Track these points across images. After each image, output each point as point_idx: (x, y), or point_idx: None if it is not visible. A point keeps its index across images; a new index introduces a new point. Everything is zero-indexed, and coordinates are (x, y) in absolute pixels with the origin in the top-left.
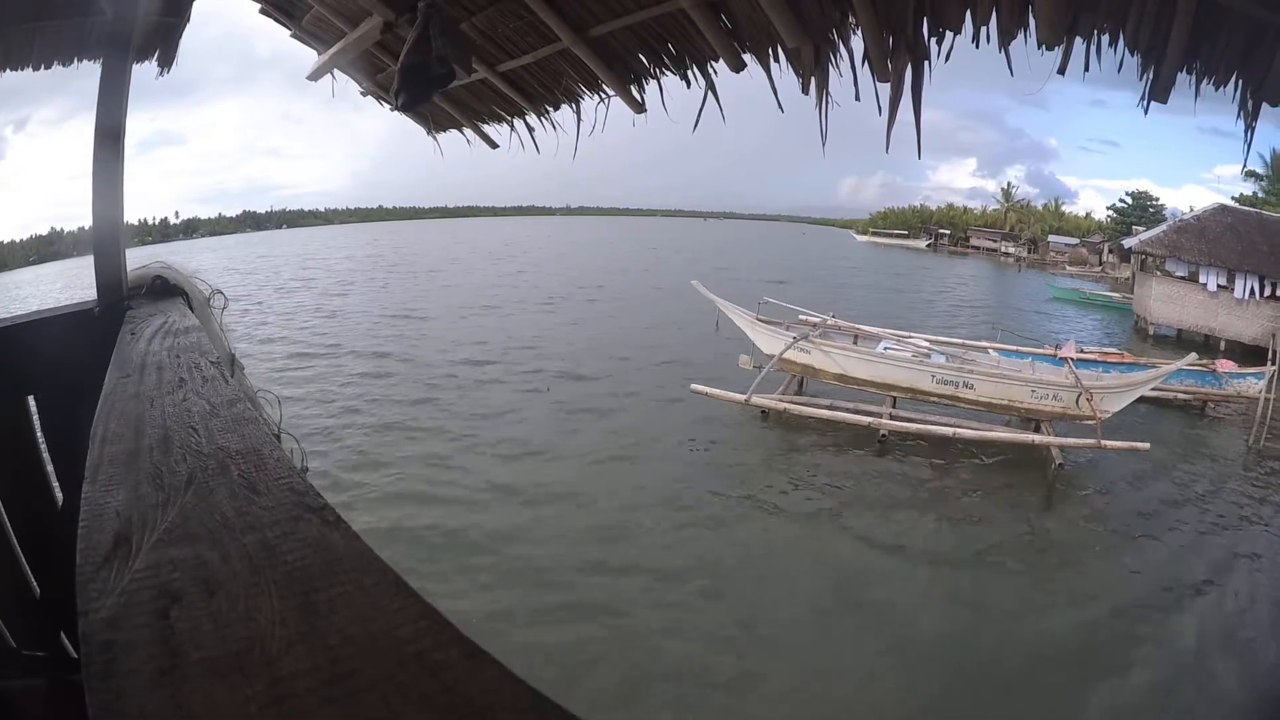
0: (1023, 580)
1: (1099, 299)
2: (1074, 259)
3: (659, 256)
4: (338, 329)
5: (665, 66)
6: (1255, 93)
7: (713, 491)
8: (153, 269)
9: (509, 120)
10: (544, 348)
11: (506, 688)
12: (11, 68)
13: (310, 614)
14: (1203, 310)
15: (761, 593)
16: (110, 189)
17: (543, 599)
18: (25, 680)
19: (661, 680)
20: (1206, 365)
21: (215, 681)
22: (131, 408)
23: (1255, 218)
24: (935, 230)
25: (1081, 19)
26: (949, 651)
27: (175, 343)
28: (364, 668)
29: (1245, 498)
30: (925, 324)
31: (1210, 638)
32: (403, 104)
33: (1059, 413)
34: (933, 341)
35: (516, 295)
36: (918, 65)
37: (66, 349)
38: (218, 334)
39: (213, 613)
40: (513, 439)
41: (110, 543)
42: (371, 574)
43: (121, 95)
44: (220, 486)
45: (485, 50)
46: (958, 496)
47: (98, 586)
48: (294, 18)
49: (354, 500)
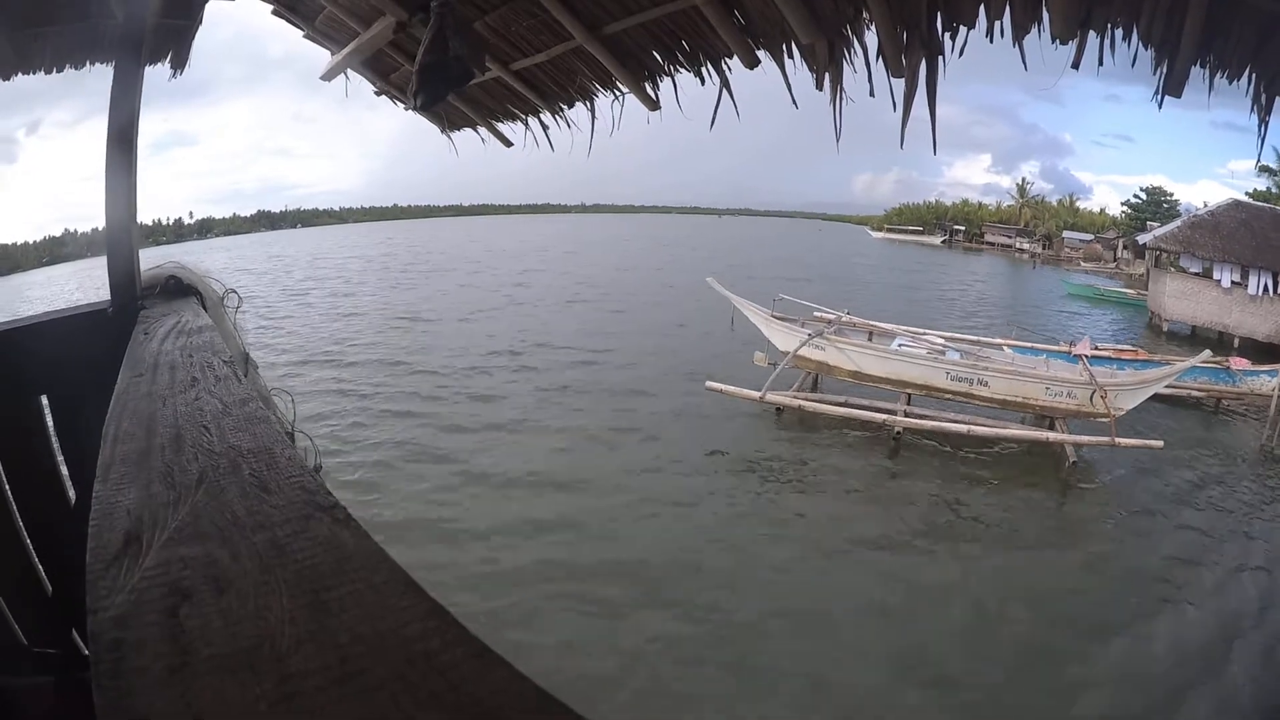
0: (1036, 578)
1: (1113, 295)
2: (1089, 255)
3: (673, 254)
4: (348, 330)
5: (679, 64)
6: (1269, 86)
7: (727, 489)
8: (166, 269)
9: (523, 118)
10: (559, 345)
11: (514, 687)
12: (24, 71)
13: (320, 612)
14: (1217, 307)
15: (771, 587)
16: (123, 190)
17: (547, 590)
18: (36, 678)
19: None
20: (1220, 363)
21: (225, 679)
22: (144, 407)
23: (1270, 213)
24: (950, 226)
25: (1095, 13)
26: (966, 647)
27: (188, 342)
28: (373, 666)
29: (1259, 496)
30: (943, 321)
31: (1220, 636)
32: (421, 104)
33: (1073, 410)
34: (947, 338)
35: (532, 295)
36: (932, 60)
37: (80, 349)
38: (231, 333)
39: (223, 610)
40: (523, 435)
41: (121, 541)
42: (381, 572)
43: (134, 97)
44: (231, 485)
45: (499, 49)
46: (972, 494)
47: (107, 584)
48: (306, 19)
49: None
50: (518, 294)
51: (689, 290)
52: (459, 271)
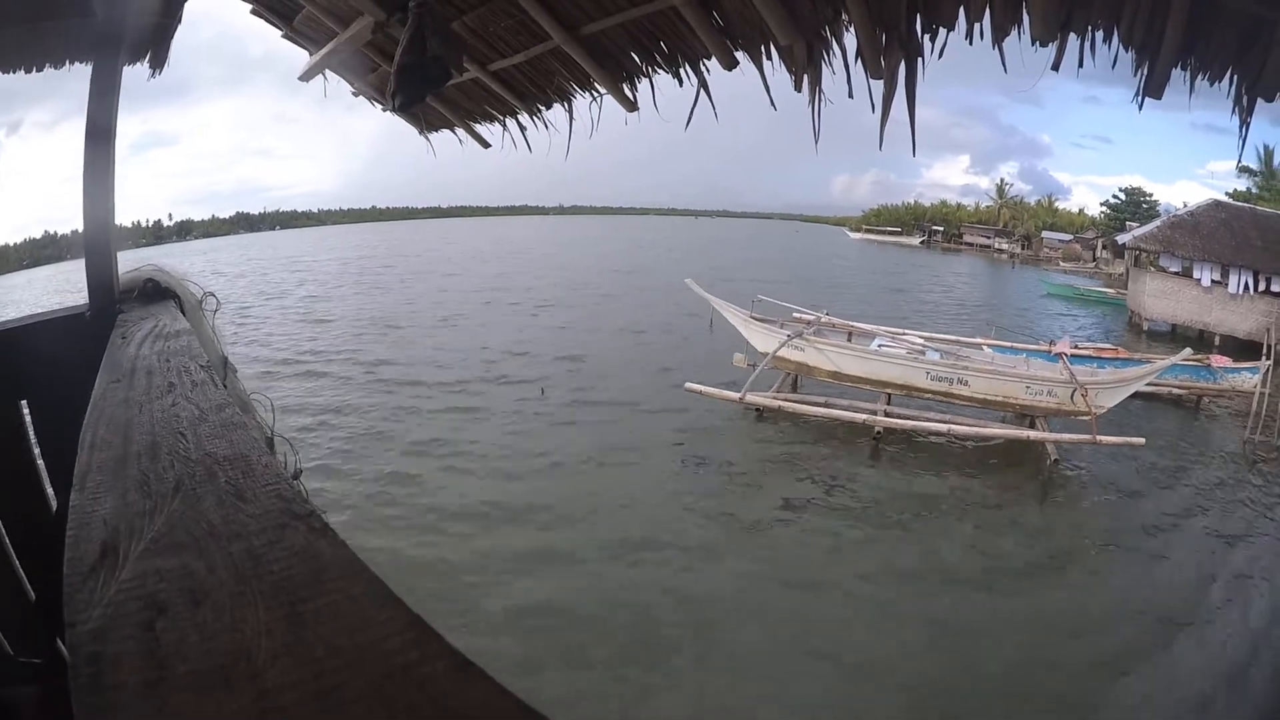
0: (1018, 574)
1: (1093, 295)
2: (1068, 255)
3: (651, 256)
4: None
5: (657, 64)
6: (1251, 88)
7: (707, 490)
8: (144, 272)
9: (501, 119)
10: (536, 350)
11: (496, 701)
12: (2, 70)
13: (297, 625)
14: (1197, 305)
15: (750, 588)
16: (101, 191)
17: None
18: (20, 687)
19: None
20: (1201, 360)
21: (201, 695)
22: (120, 413)
23: (1249, 213)
24: (929, 227)
25: (1076, 15)
26: (944, 649)
27: (165, 347)
28: (351, 680)
29: (1241, 491)
30: (929, 323)
31: (1208, 630)
32: (399, 105)
33: (1054, 408)
34: (927, 338)
35: (508, 297)
36: (911, 62)
37: (59, 353)
38: (209, 337)
39: (199, 624)
40: (505, 443)
41: (97, 552)
42: (358, 583)
43: (112, 97)
44: (207, 494)
45: (477, 49)
46: (952, 492)
47: (84, 598)
48: (286, 18)
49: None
50: (496, 298)
51: (666, 291)
52: (435, 274)
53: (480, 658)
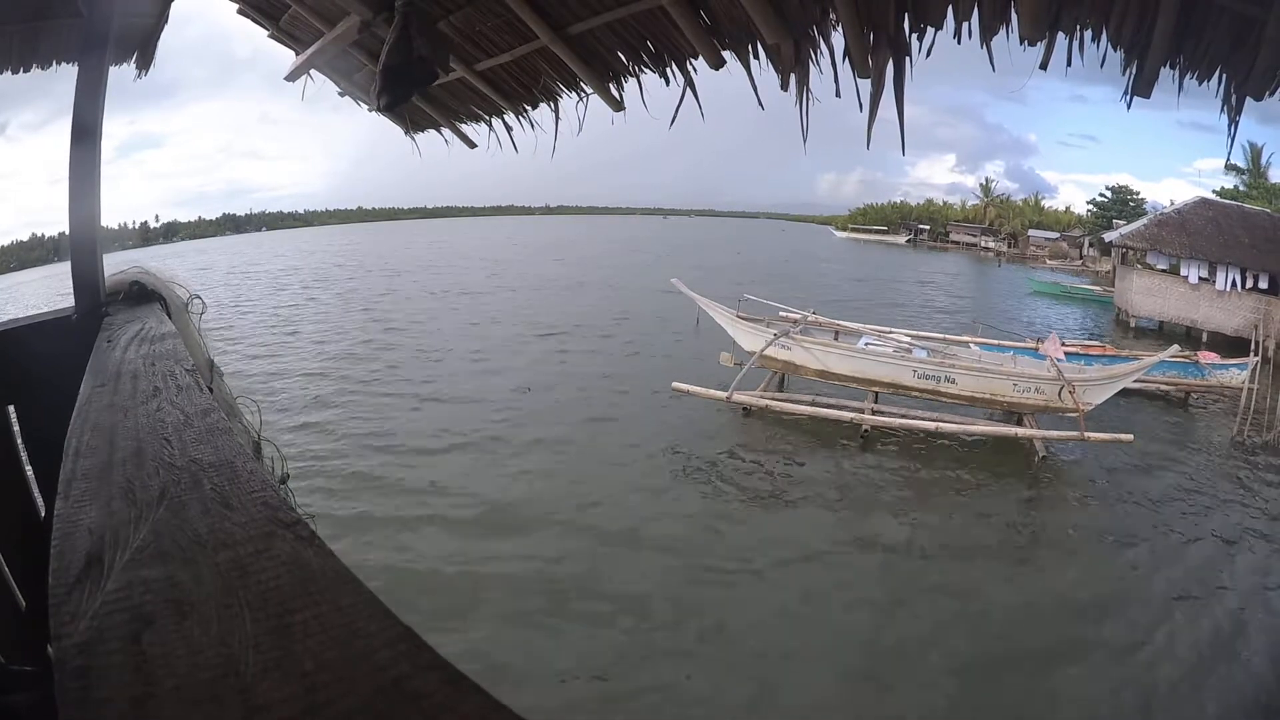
0: (1006, 571)
1: (1080, 292)
2: (1054, 253)
3: (640, 256)
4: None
5: (644, 64)
6: (1240, 87)
7: (692, 488)
8: (130, 274)
9: (487, 120)
10: (525, 349)
11: (490, 715)
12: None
13: (285, 637)
14: (1184, 303)
15: (740, 590)
16: (87, 192)
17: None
18: (11, 696)
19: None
20: (1189, 357)
21: (190, 711)
22: (105, 419)
23: (1237, 210)
24: (915, 226)
25: (1064, 15)
26: (934, 642)
27: (151, 350)
28: (341, 696)
29: (1230, 486)
30: (917, 319)
31: (1196, 625)
32: (384, 105)
33: (1041, 406)
34: (914, 336)
35: (497, 297)
36: (899, 61)
37: (45, 357)
38: (196, 340)
39: (186, 637)
40: (491, 439)
41: (82, 563)
42: (347, 593)
43: (98, 97)
44: (193, 501)
45: (463, 49)
46: (941, 490)
47: (70, 609)
48: (272, 18)
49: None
50: (484, 297)
51: (653, 290)
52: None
53: (468, 668)
